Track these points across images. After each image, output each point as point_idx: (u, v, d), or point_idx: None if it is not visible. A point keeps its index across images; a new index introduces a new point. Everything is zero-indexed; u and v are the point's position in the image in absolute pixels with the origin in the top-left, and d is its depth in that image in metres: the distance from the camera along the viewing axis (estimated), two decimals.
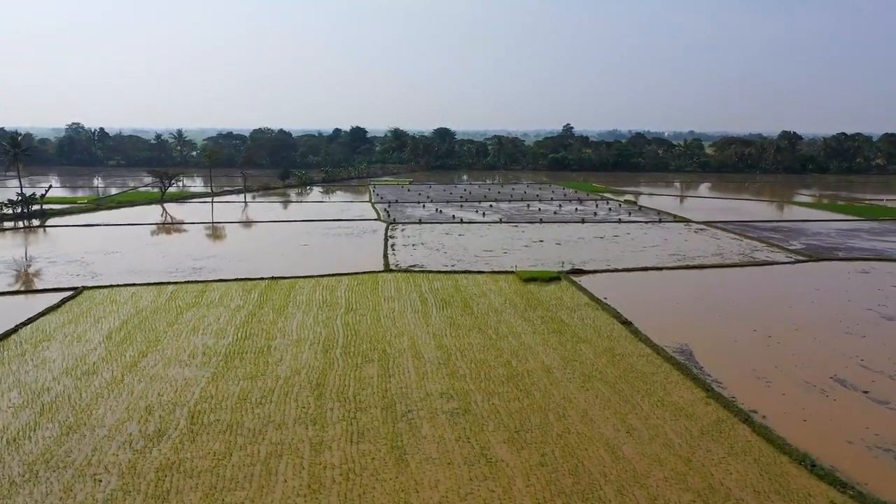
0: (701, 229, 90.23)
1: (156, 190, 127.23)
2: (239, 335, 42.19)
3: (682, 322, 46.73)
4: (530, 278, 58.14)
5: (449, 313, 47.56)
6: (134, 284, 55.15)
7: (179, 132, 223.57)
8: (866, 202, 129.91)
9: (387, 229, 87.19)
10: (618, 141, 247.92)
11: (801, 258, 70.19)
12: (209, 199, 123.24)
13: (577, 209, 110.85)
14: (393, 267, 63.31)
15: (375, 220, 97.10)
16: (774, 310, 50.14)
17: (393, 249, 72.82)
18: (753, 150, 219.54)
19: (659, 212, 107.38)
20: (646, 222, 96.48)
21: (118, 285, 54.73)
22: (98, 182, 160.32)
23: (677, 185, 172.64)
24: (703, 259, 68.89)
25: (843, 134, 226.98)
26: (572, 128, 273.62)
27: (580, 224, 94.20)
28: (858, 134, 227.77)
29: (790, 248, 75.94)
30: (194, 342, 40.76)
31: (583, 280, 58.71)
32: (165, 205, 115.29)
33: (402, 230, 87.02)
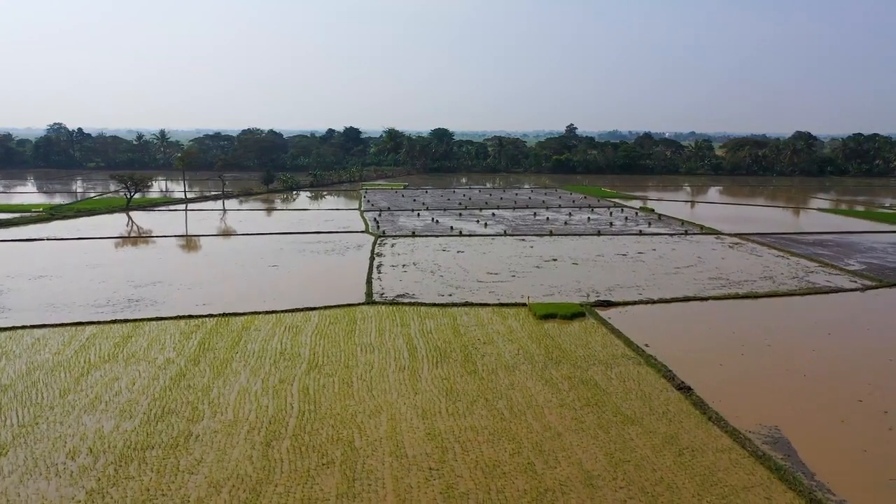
0: (736, 244, 78.39)
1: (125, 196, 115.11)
2: (152, 413, 30.36)
3: (758, 387, 34.94)
4: (548, 314, 46.35)
5: (445, 372, 35.79)
6: (44, 326, 43.22)
7: (162, 132, 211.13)
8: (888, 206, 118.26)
9: (374, 245, 75.24)
10: (624, 142, 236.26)
11: (868, 283, 58.40)
12: (182, 207, 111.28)
13: (589, 218, 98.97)
14: (377, 297, 51.49)
15: (363, 232, 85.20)
16: (870, 364, 38.39)
17: (379, 272, 60.96)
18: (768, 152, 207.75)
19: (683, 221, 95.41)
20: (671, 235, 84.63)
21: (23, 327, 42.83)
22: (77, 186, 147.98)
23: (688, 188, 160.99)
24: (752, 285, 57.07)
25: (860, 135, 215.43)
26: (576, 128, 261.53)
27: (596, 237, 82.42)
28: (877, 135, 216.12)
29: (848, 268, 64.18)
30: (85, 427, 28.92)
31: (612, 315, 46.98)
32: (131, 213, 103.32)
33: (392, 245, 75.16)
